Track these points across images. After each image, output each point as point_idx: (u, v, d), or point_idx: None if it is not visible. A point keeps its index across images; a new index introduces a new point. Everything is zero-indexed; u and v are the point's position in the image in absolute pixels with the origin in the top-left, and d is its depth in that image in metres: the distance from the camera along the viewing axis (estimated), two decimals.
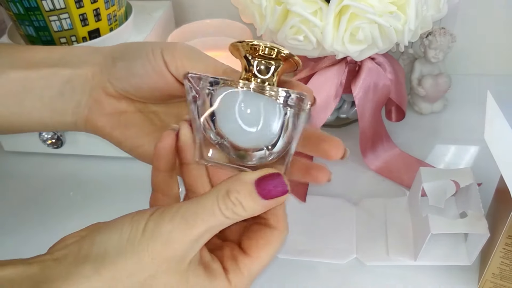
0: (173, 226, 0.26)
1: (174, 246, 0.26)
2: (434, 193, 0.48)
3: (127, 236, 0.27)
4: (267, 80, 0.28)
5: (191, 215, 0.27)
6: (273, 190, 0.27)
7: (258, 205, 0.27)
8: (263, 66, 0.28)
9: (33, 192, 0.59)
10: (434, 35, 0.59)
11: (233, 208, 0.27)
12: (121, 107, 0.35)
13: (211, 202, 0.27)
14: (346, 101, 0.61)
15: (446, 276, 0.45)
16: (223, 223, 0.27)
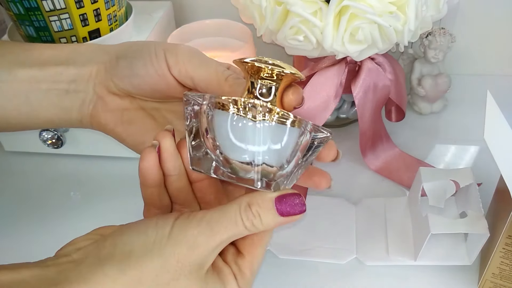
0: (199, 231, 0.28)
1: (199, 251, 0.27)
2: (434, 193, 0.48)
3: (153, 239, 0.27)
4: (269, 102, 0.29)
5: (215, 222, 0.28)
6: (292, 210, 0.29)
7: (275, 221, 0.29)
8: (265, 89, 0.29)
9: (33, 192, 0.59)
10: (434, 35, 0.59)
11: (253, 220, 0.28)
12: (124, 104, 0.36)
13: (234, 212, 0.28)
14: (346, 101, 0.61)
15: (446, 276, 0.45)
16: (241, 233, 0.29)
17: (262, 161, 0.28)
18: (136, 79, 0.33)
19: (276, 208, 0.28)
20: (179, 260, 0.27)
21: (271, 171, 0.29)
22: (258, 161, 0.28)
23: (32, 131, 0.59)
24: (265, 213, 0.28)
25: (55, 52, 0.35)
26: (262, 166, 0.28)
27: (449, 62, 0.64)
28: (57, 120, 0.36)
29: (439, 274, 0.45)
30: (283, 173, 0.29)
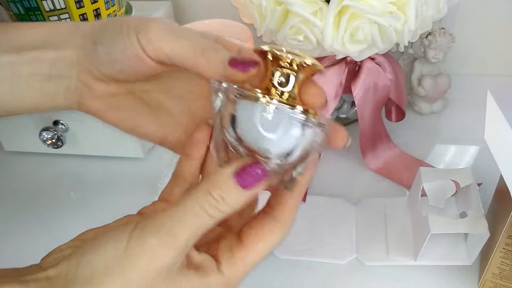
0: (159, 240, 0.26)
1: (161, 260, 0.26)
2: (434, 193, 0.48)
3: (113, 256, 0.26)
4: (288, 92, 0.28)
5: (176, 223, 0.26)
6: (254, 180, 0.27)
7: (241, 198, 0.27)
8: (284, 79, 0.28)
9: (33, 192, 0.59)
10: (434, 35, 0.59)
11: (217, 206, 0.26)
12: (111, 90, 0.34)
13: (193, 204, 0.26)
14: (346, 101, 0.61)
15: (446, 276, 0.45)
16: (208, 224, 0.27)
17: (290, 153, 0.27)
18: (116, 65, 0.32)
19: (238, 184, 0.26)
20: (142, 276, 0.26)
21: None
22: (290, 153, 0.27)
23: (31, 131, 0.59)
24: (228, 194, 0.26)
25: (31, 34, 0.34)
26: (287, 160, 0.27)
27: (449, 62, 0.64)
28: (44, 106, 0.35)
29: (439, 274, 0.45)
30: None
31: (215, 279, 0.28)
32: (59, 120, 0.58)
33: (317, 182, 0.56)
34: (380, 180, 0.56)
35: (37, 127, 0.58)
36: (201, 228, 0.27)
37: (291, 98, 0.28)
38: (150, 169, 0.59)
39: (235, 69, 0.28)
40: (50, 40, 0.33)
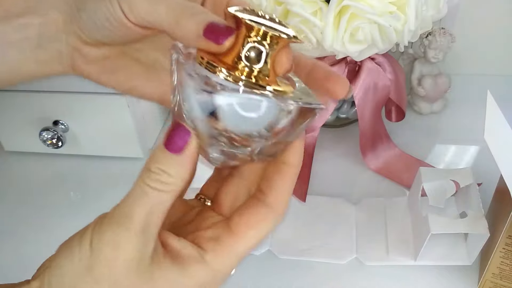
0: (115, 228, 0.26)
1: (124, 248, 0.25)
2: (434, 193, 0.48)
3: (78, 258, 0.26)
4: (257, 69, 0.26)
5: (125, 207, 0.26)
6: (179, 140, 0.26)
7: (178, 164, 0.26)
8: (255, 54, 0.26)
9: (33, 192, 0.59)
10: (434, 35, 0.59)
11: (158, 178, 0.26)
12: (103, 53, 0.33)
13: (138, 185, 0.26)
14: (346, 101, 0.61)
15: (446, 276, 0.45)
16: (160, 201, 0.26)
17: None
18: (103, 31, 0.30)
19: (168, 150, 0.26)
20: (110, 266, 0.25)
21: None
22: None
23: (31, 131, 0.59)
24: (164, 164, 0.26)
25: (13, 2, 0.32)
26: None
27: (449, 62, 0.64)
28: (40, 73, 0.34)
29: (439, 274, 0.45)
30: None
31: (197, 270, 0.27)
32: (59, 120, 0.58)
33: (317, 182, 0.56)
34: (380, 180, 0.56)
35: (37, 127, 0.58)
36: (156, 206, 0.26)
37: (261, 74, 0.26)
38: None
39: (208, 41, 0.25)
40: (33, 6, 0.32)
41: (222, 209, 0.32)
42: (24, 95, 0.57)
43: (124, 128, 0.58)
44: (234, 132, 0.26)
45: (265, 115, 0.25)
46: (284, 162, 0.28)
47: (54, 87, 0.56)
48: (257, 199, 0.29)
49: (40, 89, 0.56)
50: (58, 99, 0.57)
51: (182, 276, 0.27)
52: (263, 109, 0.25)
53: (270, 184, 0.29)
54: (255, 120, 0.26)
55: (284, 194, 0.29)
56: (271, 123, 0.26)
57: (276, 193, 0.28)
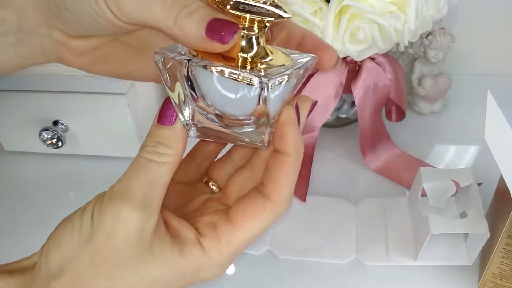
0: (115, 200, 0.26)
1: (124, 219, 0.26)
2: (434, 193, 0.48)
3: (79, 230, 0.26)
4: (254, 55, 0.26)
5: (125, 181, 0.27)
6: (169, 112, 0.27)
7: (172, 134, 0.27)
8: (245, 43, 0.26)
9: (33, 192, 0.59)
10: (434, 35, 0.59)
11: (154, 149, 0.27)
12: (92, 44, 0.31)
13: (136, 160, 0.27)
14: (346, 101, 0.61)
15: (446, 276, 0.45)
16: (159, 173, 0.27)
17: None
18: (91, 29, 0.29)
19: (159, 122, 0.27)
20: (110, 236, 0.25)
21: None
22: None
23: (31, 131, 0.59)
24: (160, 136, 0.27)
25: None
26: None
27: (449, 62, 0.64)
28: (26, 65, 0.32)
29: (439, 274, 0.45)
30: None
31: (194, 253, 0.27)
32: (59, 120, 0.58)
33: (317, 182, 0.56)
34: (380, 180, 0.56)
35: (37, 127, 0.58)
36: (155, 178, 0.26)
37: (257, 58, 0.26)
38: None
39: (213, 41, 0.25)
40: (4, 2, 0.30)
41: (228, 200, 0.31)
42: (24, 95, 0.57)
43: (124, 128, 0.57)
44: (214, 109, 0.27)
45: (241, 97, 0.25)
46: (280, 151, 0.28)
47: (54, 87, 0.56)
48: (257, 190, 0.29)
49: (40, 89, 0.56)
50: (58, 99, 0.57)
51: (179, 257, 0.27)
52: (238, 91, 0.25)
53: (269, 175, 0.28)
54: (232, 100, 0.26)
55: (282, 185, 0.28)
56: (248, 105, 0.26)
57: (273, 184, 0.28)
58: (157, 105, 0.64)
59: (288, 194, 0.28)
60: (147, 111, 0.61)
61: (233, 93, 0.25)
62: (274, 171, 0.28)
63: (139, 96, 0.58)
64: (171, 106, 0.28)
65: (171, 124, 0.27)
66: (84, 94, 0.56)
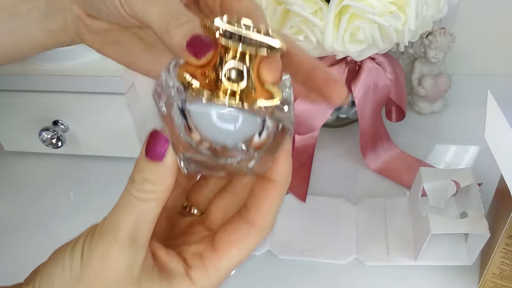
0: (103, 239, 0.26)
1: (113, 261, 0.26)
2: (434, 193, 0.48)
3: (69, 270, 0.26)
4: (241, 89, 0.25)
5: (112, 218, 0.26)
6: (159, 147, 0.26)
7: (160, 172, 0.26)
8: (235, 73, 0.25)
9: (33, 192, 0.59)
10: (434, 35, 0.59)
11: (142, 187, 0.26)
12: (105, 26, 0.33)
13: (124, 197, 0.27)
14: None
15: (446, 276, 0.45)
16: (146, 210, 0.26)
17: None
18: (101, 13, 0.31)
19: (150, 159, 0.26)
20: (100, 278, 0.26)
21: None
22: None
23: (31, 131, 0.59)
24: (147, 173, 0.26)
25: None
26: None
27: (449, 62, 0.64)
28: (49, 44, 0.34)
29: (440, 274, 0.45)
30: None
31: (182, 284, 0.27)
32: (59, 120, 0.58)
33: (317, 182, 0.56)
34: (381, 180, 0.56)
35: (37, 127, 0.58)
36: (143, 216, 0.26)
37: (246, 91, 0.25)
38: None
39: (189, 54, 0.25)
40: None
41: (211, 224, 0.32)
42: (24, 95, 0.57)
43: (124, 128, 0.57)
44: (209, 142, 0.26)
45: (240, 128, 0.25)
46: (269, 178, 0.28)
47: (54, 87, 0.55)
48: (241, 215, 0.29)
49: (40, 89, 0.56)
50: (57, 99, 0.57)
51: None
52: (237, 123, 0.25)
53: (254, 201, 0.28)
54: (229, 132, 0.26)
55: (267, 212, 0.28)
56: (246, 136, 0.26)
57: (259, 210, 0.28)
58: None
59: (271, 219, 0.28)
60: (147, 111, 0.61)
61: (232, 124, 0.25)
62: (260, 197, 0.28)
63: (139, 96, 0.58)
64: (162, 140, 0.26)
65: (160, 160, 0.26)
66: (84, 94, 0.56)
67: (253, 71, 0.26)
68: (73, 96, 0.56)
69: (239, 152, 0.27)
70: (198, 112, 0.25)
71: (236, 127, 0.25)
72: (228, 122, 0.25)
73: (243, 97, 0.25)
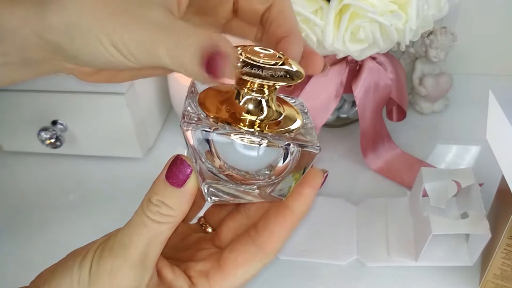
0: (113, 256, 0.26)
1: (120, 278, 0.26)
2: (435, 193, 0.48)
3: (77, 282, 0.26)
4: (260, 119, 0.26)
5: (125, 236, 0.26)
6: (181, 175, 0.26)
7: (179, 198, 0.26)
8: (253, 105, 0.26)
9: (32, 192, 0.59)
10: (435, 34, 0.59)
11: (159, 211, 0.26)
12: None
13: (139, 215, 0.27)
14: (346, 101, 0.61)
15: (447, 277, 0.45)
16: (160, 232, 0.26)
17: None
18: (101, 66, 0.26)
19: (170, 183, 0.26)
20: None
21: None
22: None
23: (30, 131, 0.59)
24: (165, 196, 0.26)
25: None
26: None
27: (450, 62, 0.64)
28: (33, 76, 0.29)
29: (440, 275, 0.45)
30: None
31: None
32: (58, 120, 0.58)
33: None
34: (381, 181, 0.56)
35: (36, 127, 0.58)
36: (155, 237, 0.26)
37: (266, 119, 0.26)
38: (149, 169, 0.59)
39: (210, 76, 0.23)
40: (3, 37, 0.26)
41: (220, 243, 0.32)
42: (23, 95, 0.57)
43: (123, 128, 0.57)
44: (232, 170, 0.27)
45: (262, 155, 0.26)
46: (288, 207, 0.29)
47: (53, 87, 0.55)
48: (250, 237, 0.29)
49: (38, 88, 0.56)
50: (56, 99, 0.56)
51: None
52: (260, 151, 0.26)
53: (267, 225, 0.29)
54: (253, 160, 0.26)
55: (278, 239, 0.29)
56: (269, 162, 0.27)
57: (270, 235, 0.29)
58: (157, 105, 0.64)
59: (280, 246, 0.29)
60: (147, 111, 0.61)
61: (255, 152, 0.26)
62: (274, 223, 0.29)
63: (139, 96, 0.58)
64: (185, 167, 0.27)
65: (180, 187, 0.26)
66: (83, 94, 0.56)
67: (272, 101, 0.26)
68: (72, 96, 0.56)
69: (261, 178, 0.27)
70: (220, 141, 0.26)
71: (259, 154, 0.26)
72: (250, 150, 0.26)
73: (263, 126, 0.26)
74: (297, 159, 0.27)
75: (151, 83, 0.62)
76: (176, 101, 0.61)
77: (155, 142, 0.63)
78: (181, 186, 0.26)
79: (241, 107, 0.26)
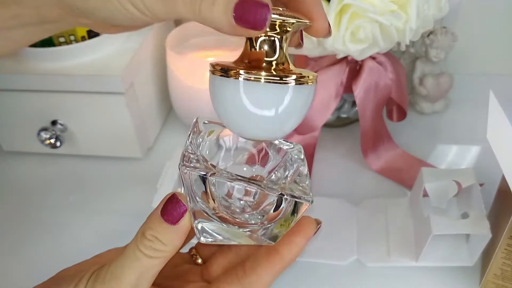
0: (105, 286, 0.27)
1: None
2: (435, 193, 0.47)
3: None
4: (274, 60, 0.26)
5: (118, 268, 0.27)
6: (175, 213, 0.27)
7: (172, 234, 0.27)
8: (267, 46, 0.26)
9: (32, 192, 0.59)
10: (436, 34, 0.59)
11: (152, 245, 0.27)
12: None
13: (132, 248, 0.27)
14: (347, 101, 0.60)
15: (447, 277, 0.45)
16: (151, 265, 0.27)
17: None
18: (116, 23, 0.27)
19: (164, 220, 0.27)
20: None
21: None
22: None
23: (30, 131, 0.59)
24: (159, 232, 0.27)
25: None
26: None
27: (451, 61, 0.64)
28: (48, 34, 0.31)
29: (441, 275, 0.45)
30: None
31: None
32: (57, 120, 0.58)
33: (318, 182, 0.55)
34: (381, 181, 0.56)
35: (36, 127, 0.58)
36: (147, 271, 0.27)
37: (280, 63, 0.26)
38: (149, 169, 0.59)
39: (244, 27, 0.23)
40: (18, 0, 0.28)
41: (209, 277, 0.33)
42: (22, 94, 0.57)
43: (122, 128, 0.57)
44: (225, 211, 0.28)
45: (257, 200, 0.27)
46: (278, 252, 0.30)
47: (52, 86, 0.55)
48: (237, 276, 0.30)
49: (38, 88, 0.56)
50: (56, 99, 0.56)
51: None
52: (256, 195, 0.27)
53: (255, 267, 0.30)
54: (247, 203, 0.27)
55: (264, 282, 0.30)
56: (262, 207, 0.27)
57: (257, 278, 0.30)
58: (156, 105, 0.63)
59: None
60: (146, 111, 0.61)
61: (250, 197, 0.27)
62: (262, 266, 0.30)
63: (138, 95, 0.58)
64: (179, 206, 0.28)
65: (174, 224, 0.27)
66: (82, 94, 0.55)
67: (285, 46, 0.27)
68: (72, 96, 0.56)
69: (253, 223, 0.28)
70: (217, 182, 0.27)
71: (255, 199, 0.27)
72: (246, 195, 0.27)
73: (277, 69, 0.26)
74: (290, 206, 0.28)
75: (151, 83, 0.62)
76: (176, 101, 0.61)
77: (154, 142, 0.63)
78: (175, 224, 0.27)
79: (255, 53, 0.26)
